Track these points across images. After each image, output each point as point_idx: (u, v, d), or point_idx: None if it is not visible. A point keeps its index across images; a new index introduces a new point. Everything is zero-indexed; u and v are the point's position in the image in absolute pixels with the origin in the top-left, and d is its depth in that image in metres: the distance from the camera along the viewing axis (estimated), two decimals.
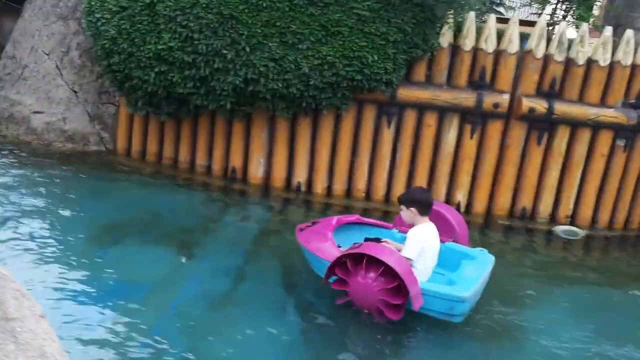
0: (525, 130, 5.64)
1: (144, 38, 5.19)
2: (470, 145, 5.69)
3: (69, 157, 6.16)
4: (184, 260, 4.26)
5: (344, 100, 5.45)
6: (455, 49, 5.54)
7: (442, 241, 3.77)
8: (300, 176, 5.92)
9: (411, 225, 3.66)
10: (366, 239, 3.72)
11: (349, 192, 5.88)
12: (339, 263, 3.40)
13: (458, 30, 5.55)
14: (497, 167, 5.77)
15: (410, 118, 5.69)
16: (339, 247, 3.76)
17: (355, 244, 3.59)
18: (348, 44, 5.05)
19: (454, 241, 4.00)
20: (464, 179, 5.77)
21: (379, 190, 5.88)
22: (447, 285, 3.47)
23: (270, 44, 5.01)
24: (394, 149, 5.81)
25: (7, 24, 13.15)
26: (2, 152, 6.05)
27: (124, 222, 4.78)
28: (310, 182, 5.95)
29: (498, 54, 5.52)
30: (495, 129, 5.64)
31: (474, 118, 5.60)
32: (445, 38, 5.47)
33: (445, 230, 3.94)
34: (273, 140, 5.91)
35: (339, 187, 5.89)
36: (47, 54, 6.47)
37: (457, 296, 3.33)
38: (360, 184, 5.89)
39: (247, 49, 4.98)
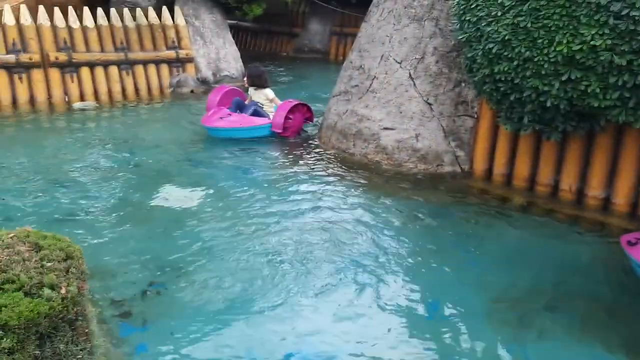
0: None
1: (551, 37, 3.90)
2: None
3: (421, 182, 5.34)
4: None
5: None
6: None
7: None
8: None
9: None
10: None
11: None
12: None
13: None
14: None
15: None
16: None
17: None
18: None
19: None
20: None
21: None
22: None
23: None
24: None
25: (312, 26, 13.80)
26: (350, 173, 5.56)
27: (523, 290, 3.57)
28: None
29: None
30: None
31: None
32: None
33: None
34: None
35: None
36: (399, 62, 5.75)
37: None
38: None
39: None
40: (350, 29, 12.71)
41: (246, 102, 6.92)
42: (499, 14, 4.17)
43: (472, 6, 4.44)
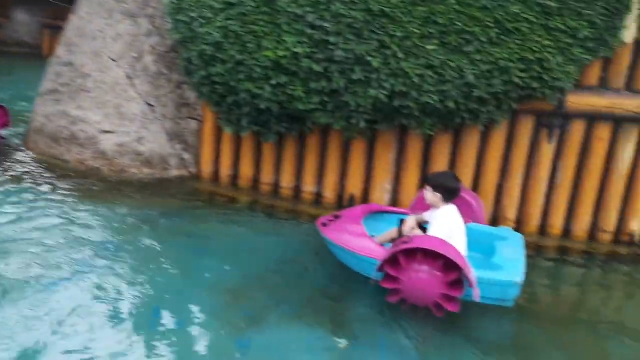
0: None
1: (258, 42, 4.08)
2: None
3: (147, 187, 5.08)
4: (343, 344, 3.20)
5: (505, 114, 4.36)
6: (639, 44, 4.43)
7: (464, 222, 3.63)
8: None
9: (429, 207, 3.63)
10: (400, 221, 3.69)
11: (495, 223, 4.80)
12: (389, 260, 3.24)
13: None
14: None
15: (576, 131, 4.59)
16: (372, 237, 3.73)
17: (396, 237, 3.54)
18: (527, 44, 3.94)
19: (473, 222, 3.94)
20: None
21: (533, 220, 4.81)
22: (499, 271, 3.37)
23: (428, 47, 3.89)
24: (553, 169, 4.74)
25: (18, 15, 11.98)
26: (65, 182, 4.97)
27: (246, 283, 3.71)
28: None
29: None
30: None
31: None
32: (630, 31, 4.35)
33: (465, 211, 3.80)
34: (402, 161, 4.82)
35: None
36: (114, 60, 5.35)
37: (512, 281, 3.28)
38: (510, 212, 4.82)
39: (399, 54, 3.87)
40: (65, 22, 11.46)
41: None
42: (210, 16, 4.20)
43: (184, 6, 4.37)
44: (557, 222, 4.78)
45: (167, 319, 3.23)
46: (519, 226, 4.84)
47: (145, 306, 3.32)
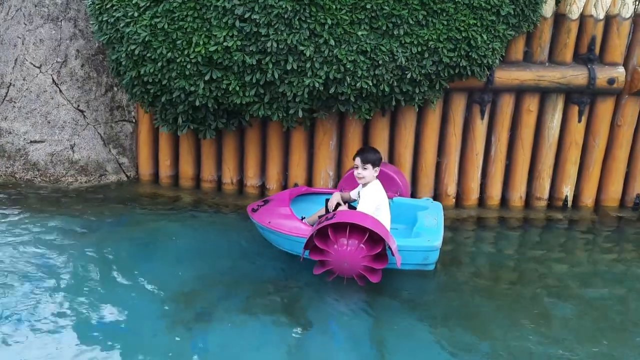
0: (639, 106, 4.86)
1: (189, 39, 3.99)
2: (577, 130, 4.85)
3: (85, 195, 4.90)
4: (298, 334, 3.23)
5: (439, 93, 4.48)
6: (558, 18, 4.64)
7: (389, 197, 3.88)
8: None
9: (355, 185, 3.87)
10: (326, 201, 3.85)
11: (436, 199, 4.94)
12: (319, 234, 3.39)
13: None
14: (606, 151, 4.99)
15: (506, 105, 4.78)
16: (302, 219, 3.85)
17: (324, 215, 3.64)
18: (454, 24, 4.04)
19: (399, 195, 4.22)
20: (571, 170, 4.95)
21: (472, 193, 4.99)
22: (418, 238, 3.62)
23: (359, 33, 3.93)
24: (488, 143, 4.92)
25: None
26: None
27: (195, 283, 3.67)
28: None
29: (608, 20, 4.66)
30: (605, 108, 4.82)
31: (582, 98, 4.76)
32: (549, 6, 4.55)
33: (390, 187, 4.15)
34: (343, 147, 4.88)
35: (425, 195, 4.94)
36: (37, 67, 5.11)
37: (431, 246, 3.54)
38: (450, 188, 4.97)
39: (331, 42, 3.89)
40: None
41: None
42: (136, 14, 4.07)
43: (108, 6, 4.22)
44: (495, 193, 4.98)
45: (116, 327, 3.16)
46: (460, 201, 5.01)
47: (90, 316, 3.23)
